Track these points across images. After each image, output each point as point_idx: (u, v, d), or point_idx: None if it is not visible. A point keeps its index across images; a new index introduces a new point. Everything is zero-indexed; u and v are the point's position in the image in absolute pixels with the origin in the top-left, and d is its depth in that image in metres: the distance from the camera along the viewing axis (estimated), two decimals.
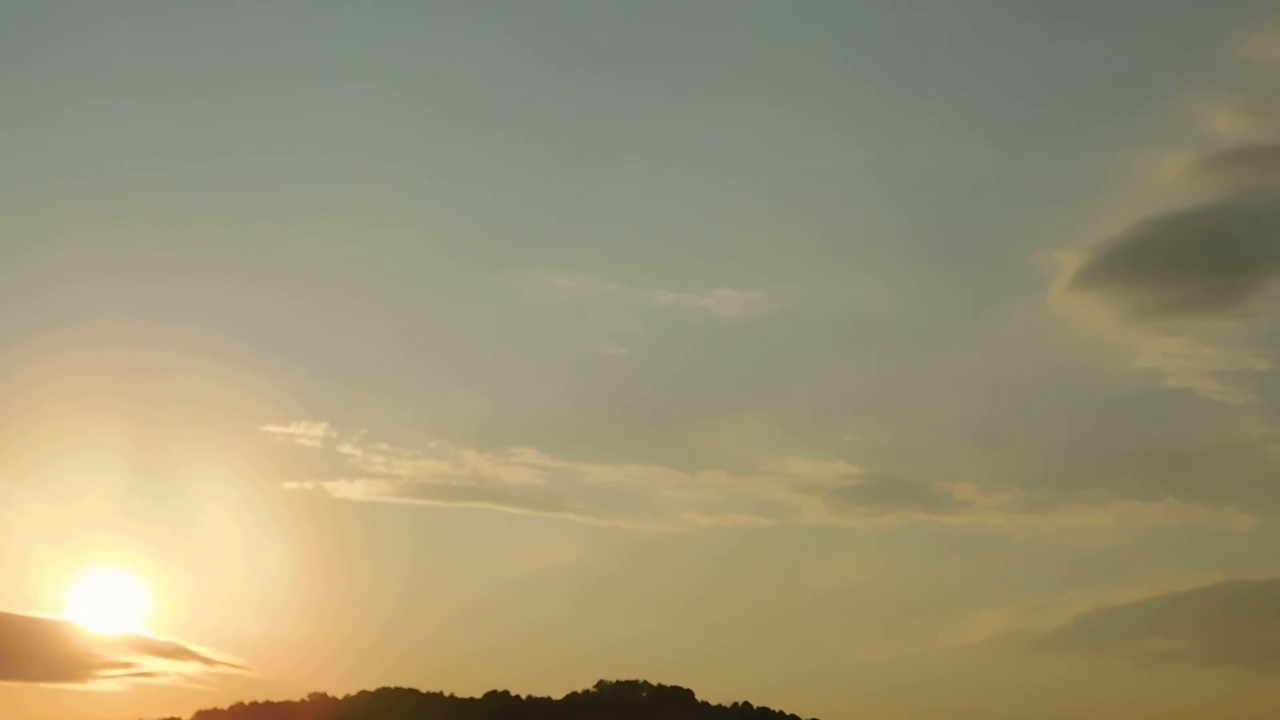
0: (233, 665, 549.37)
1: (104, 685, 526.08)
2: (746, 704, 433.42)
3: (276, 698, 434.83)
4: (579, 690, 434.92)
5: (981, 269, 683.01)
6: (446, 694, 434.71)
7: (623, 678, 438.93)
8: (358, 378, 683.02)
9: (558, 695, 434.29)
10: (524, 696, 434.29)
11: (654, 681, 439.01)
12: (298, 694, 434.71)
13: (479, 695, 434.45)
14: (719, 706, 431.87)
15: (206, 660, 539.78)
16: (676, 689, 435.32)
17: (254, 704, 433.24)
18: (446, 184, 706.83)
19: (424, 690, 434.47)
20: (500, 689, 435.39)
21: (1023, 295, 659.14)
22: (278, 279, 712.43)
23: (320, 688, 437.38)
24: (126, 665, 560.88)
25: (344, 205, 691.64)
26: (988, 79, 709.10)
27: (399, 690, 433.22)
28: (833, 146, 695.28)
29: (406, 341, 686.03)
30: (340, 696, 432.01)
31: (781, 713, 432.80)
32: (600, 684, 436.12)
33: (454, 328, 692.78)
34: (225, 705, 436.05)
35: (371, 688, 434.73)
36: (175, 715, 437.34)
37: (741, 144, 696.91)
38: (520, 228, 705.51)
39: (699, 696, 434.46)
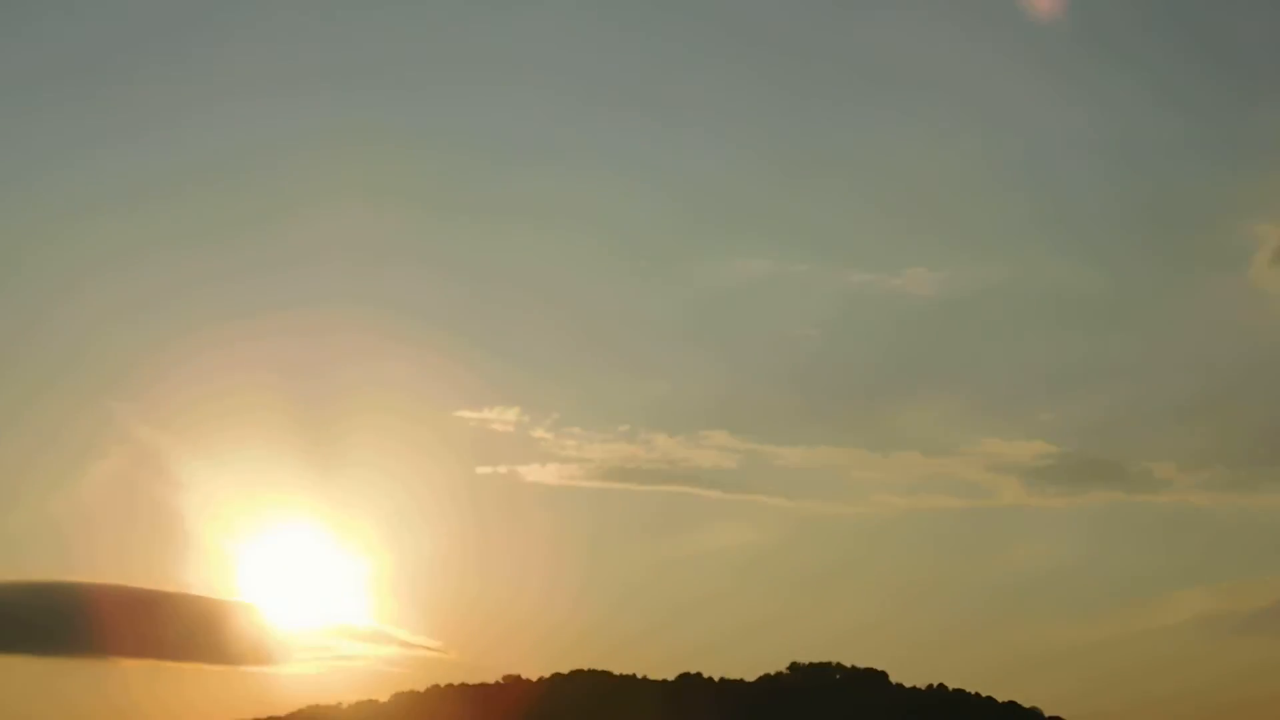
0: (429, 648, 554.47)
1: (302, 668, 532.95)
2: (941, 686, 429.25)
3: (472, 680, 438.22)
4: (771, 672, 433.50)
5: (1183, 243, 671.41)
6: (639, 676, 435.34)
7: (816, 660, 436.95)
8: (550, 363, 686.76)
9: (750, 677, 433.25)
10: (716, 679, 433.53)
11: (847, 663, 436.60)
12: (493, 676, 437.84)
13: (672, 677, 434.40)
14: (914, 689, 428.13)
15: (403, 643, 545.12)
16: (870, 671, 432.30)
17: (450, 686, 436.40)
18: (635, 177, 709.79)
19: (617, 673, 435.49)
20: (693, 671, 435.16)
21: (1226, 270, 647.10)
22: (470, 269, 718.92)
23: (515, 670, 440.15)
24: (324, 648, 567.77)
25: (534, 200, 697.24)
26: (1193, 50, 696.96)
27: (592, 672, 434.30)
28: (1030, 122, 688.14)
29: (599, 327, 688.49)
30: (535, 679, 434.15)
31: (977, 695, 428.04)
32: (793, 666, 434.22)
33: (646, 313, 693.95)
34: (422, 688, 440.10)
35: (565, 670, 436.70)
36: (373, 697, 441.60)
37: (936, 122, 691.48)
38: (711, 211, 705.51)
39: (893, 679, 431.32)
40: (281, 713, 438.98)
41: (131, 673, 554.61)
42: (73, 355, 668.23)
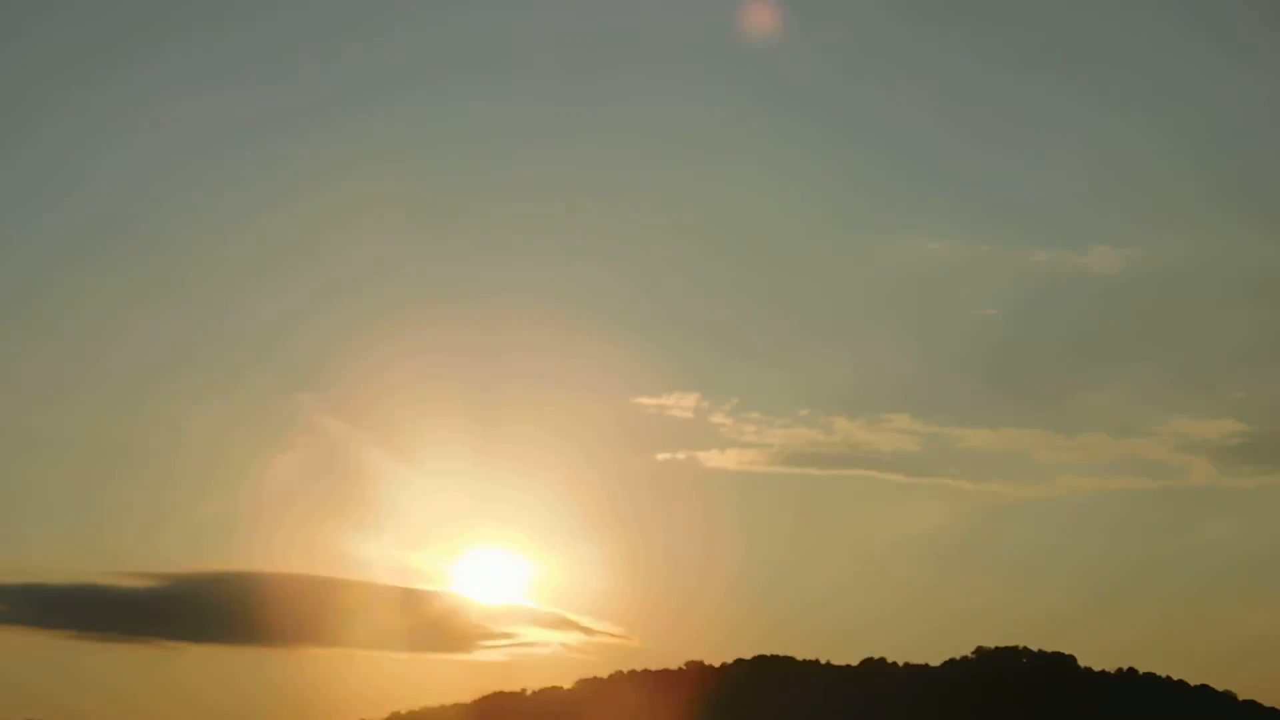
0: (612, 634, 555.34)
1: (488, 655, 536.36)
2: (1132, 670, 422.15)
3: (654, 666, 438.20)
4: (957, 657, 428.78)
5: None
6: (823, 661, 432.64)
7: (1002, 644, 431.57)
8: (728, 347, 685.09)
9: (935, 662, 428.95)
10: (901, 664, 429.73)
11: (1034, 648, 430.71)
12: (675, 662, 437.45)
13: (855, 663, 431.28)
14: (1102, 673, 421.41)
15: (586, 630, 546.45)
16: (1058, 655, 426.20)
17: (633, 672, 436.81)
18: (815, 148, 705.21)
19: (800, 658, 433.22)
20: (876, 656, 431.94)
21: None
22: (647, 257, 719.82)
23: (697, 656, 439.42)
24: (509, 636, 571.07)
25: (711, 188, 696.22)
26: None
27: (775, 658, 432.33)
28: (1218, 96, 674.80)
29: (776, 309, 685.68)
30: (717, 665, 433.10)
31: (1168, 679, 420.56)
32: (979, 650, 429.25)
33: (823, 294, 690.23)
34: (605, 674, 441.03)
35: (748, 656, 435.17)
36: (557, 684, 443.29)
37: (1121, 97, 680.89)
38: (889, 192, 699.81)
39: (1081, 663, 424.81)
40: (467, 699, 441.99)
41: (320, 661, 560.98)
42: (259, 347, 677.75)
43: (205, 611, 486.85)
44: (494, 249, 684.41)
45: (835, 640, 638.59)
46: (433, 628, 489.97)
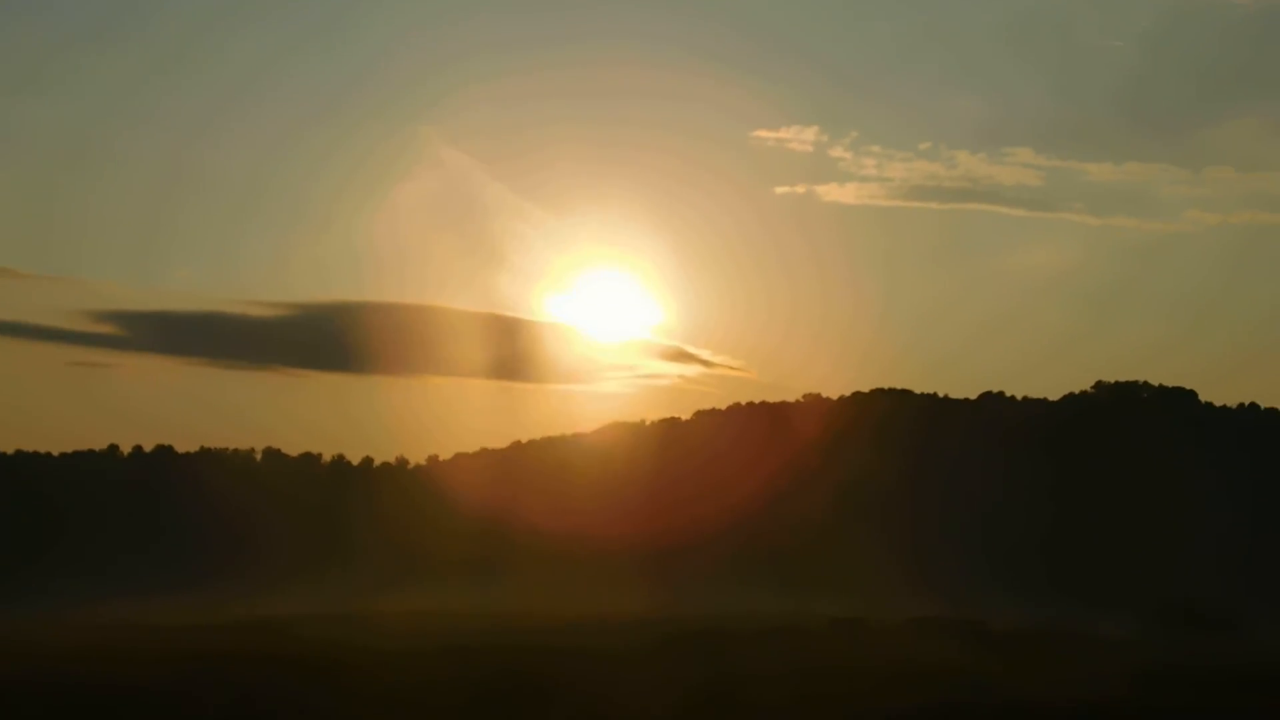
0: (731, 367, 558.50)
1: (608, 387, 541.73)
2: (1254, 404, 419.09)
3: (772, 399, 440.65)
4: (1076, 391, 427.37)
5: None
6: (941, 395, 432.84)
7: (1122, 379, 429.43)
8: (849, 79, 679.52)
9: (1054, 396, 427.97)
10: (1019, 397, 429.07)
11: (1154, 382, 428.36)
12: (793, 395, 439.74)
13: (973, 396, 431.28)
14: (1224, 408, 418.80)
15: (705, 363, 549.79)
16: (1179, 390, 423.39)
17: (750, 404, 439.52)
18: None
19: (917, 391, 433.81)
20: (995, 390, 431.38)
21: None
22: None
23: (815, 389, 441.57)
24: (630, 368, 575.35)
25: None
26: None
27: (892, 391, 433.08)
28: None
29: (898, 41, 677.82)
30: (835, 397, 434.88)
31: None
32: (1098, 385, 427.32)
33: (945, 27, 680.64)
34: (723, 406, 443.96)
35: (865, 389, 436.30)
36: (675, 415, 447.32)
37: None
38: None
39: (1203, 398, 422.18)
40: (588, 429, 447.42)
41: (444, 390, 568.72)
42: (379, 78, 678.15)
43: (329, 340, 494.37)
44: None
45: (953, 374, 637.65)
46: (554, 360, 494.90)
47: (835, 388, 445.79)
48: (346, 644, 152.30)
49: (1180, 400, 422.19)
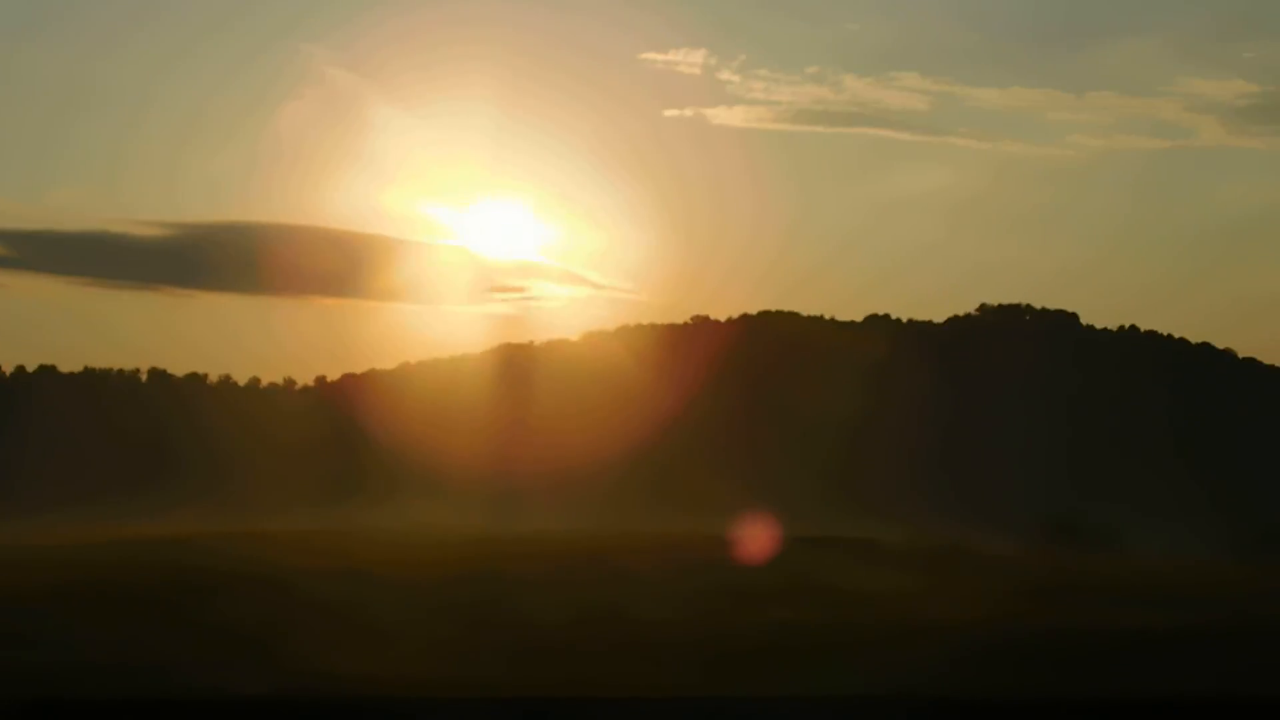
0: (620, 289, 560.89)
1: (496, 308, 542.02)
2: (1134, 327, 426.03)
3: (661, 321, 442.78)
4: (960, 314, 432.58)
5: None
6: (827, 317, 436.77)
7: (1006, 301, 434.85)
8: (737, 2, 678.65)
9: (939, 319, 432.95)
10: (905, 320, 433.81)
11: (1038, 305, 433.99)
12: (681, 317, 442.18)
13: (860, 319, 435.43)
14: (1104, 330, 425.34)
15: (594, 285, 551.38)
16: (1061, 312, 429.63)
17: (639, 326, 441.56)
18: None
19: (805, 314, 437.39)
20: (881, 313, 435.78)
21: None
22: None
23: (704, 311, 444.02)
24: (518, 289, 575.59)
25: None
26: None
27: (780, 313, 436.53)
28: None
29: None
30: (723, 319, 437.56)
31: (1170, 336, 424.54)
32: (982, 307, 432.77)
33: None
34: (612, 328, 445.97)
35: (753, 311, 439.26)
36: (564, 336, 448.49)
37: None
38: None
39: (1084, 320, 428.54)
40: (476, 351, 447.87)
41: (330, 311, 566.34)
42: (277, 8, 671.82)
43: (217, 260, 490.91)
44: None
45: (840, 296, 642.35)
46: (442, 280, 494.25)
47: (723, 310, 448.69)
48: (245, 563, 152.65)
49: (1061, 322, 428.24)
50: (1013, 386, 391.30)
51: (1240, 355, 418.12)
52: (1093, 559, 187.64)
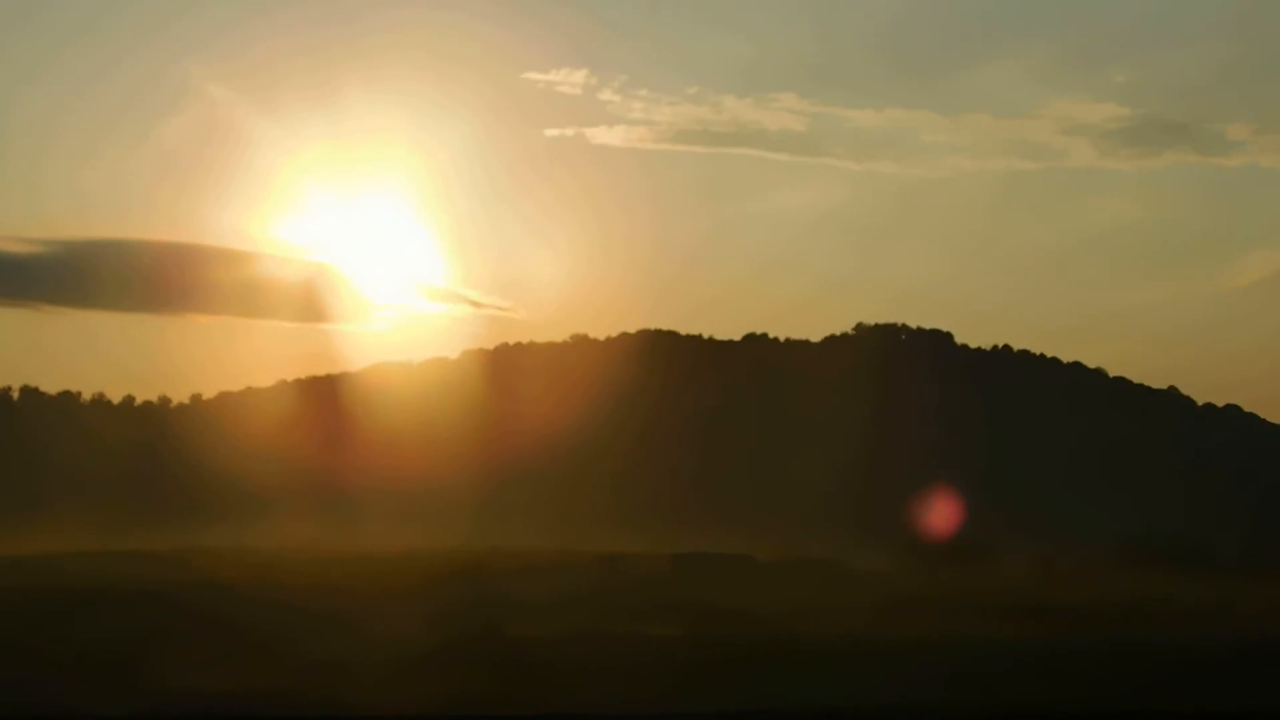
0: (499, 308, 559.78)
1: (375, 326, 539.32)
2: (1006, 347, 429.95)
3: (540, 339, 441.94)
4: (837, 333, 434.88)
5: None
6: (706, 337, 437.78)
7: (882, 321, 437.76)
8: (617, 22, 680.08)
9: (815, 338, 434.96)
10: (782, 339, 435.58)
11: (913, 325, 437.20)
12: (560, 335, 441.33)
13: (738, 338, 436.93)
14: (978, 350, 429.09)
15: (474, 303, 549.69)
16: (936, 332, 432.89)
17: (518, 344, 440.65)
18: None
19: (683, 332, 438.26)
20: (759, 332, 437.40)
21: None
22: None
23: (582, 330, 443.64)
24: (396, 307, 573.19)
25: None
26: None
27: (658, 332, 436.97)
28: None
29: None
30: (602, 338, 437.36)
31: (1042, 356, 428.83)
32: (858, 327, 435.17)
33: None
34: (491, 346, 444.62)
35: (632, 330, 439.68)
36: (443, 355, 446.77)
37: None
38: None
39: (958, 339, 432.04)
40: (354, 369, 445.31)
41: (208, 328, 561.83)
42: (151, 19, 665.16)
43: (90, 276, 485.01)
44: None
45: (718, 315, 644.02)
46: (320, 298, 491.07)
47: (603, 329, 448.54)
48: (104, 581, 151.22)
49: (936, 341, 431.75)
50: (894, 404, 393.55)
51: (1110, 374, 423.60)
52: (968, 571, 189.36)
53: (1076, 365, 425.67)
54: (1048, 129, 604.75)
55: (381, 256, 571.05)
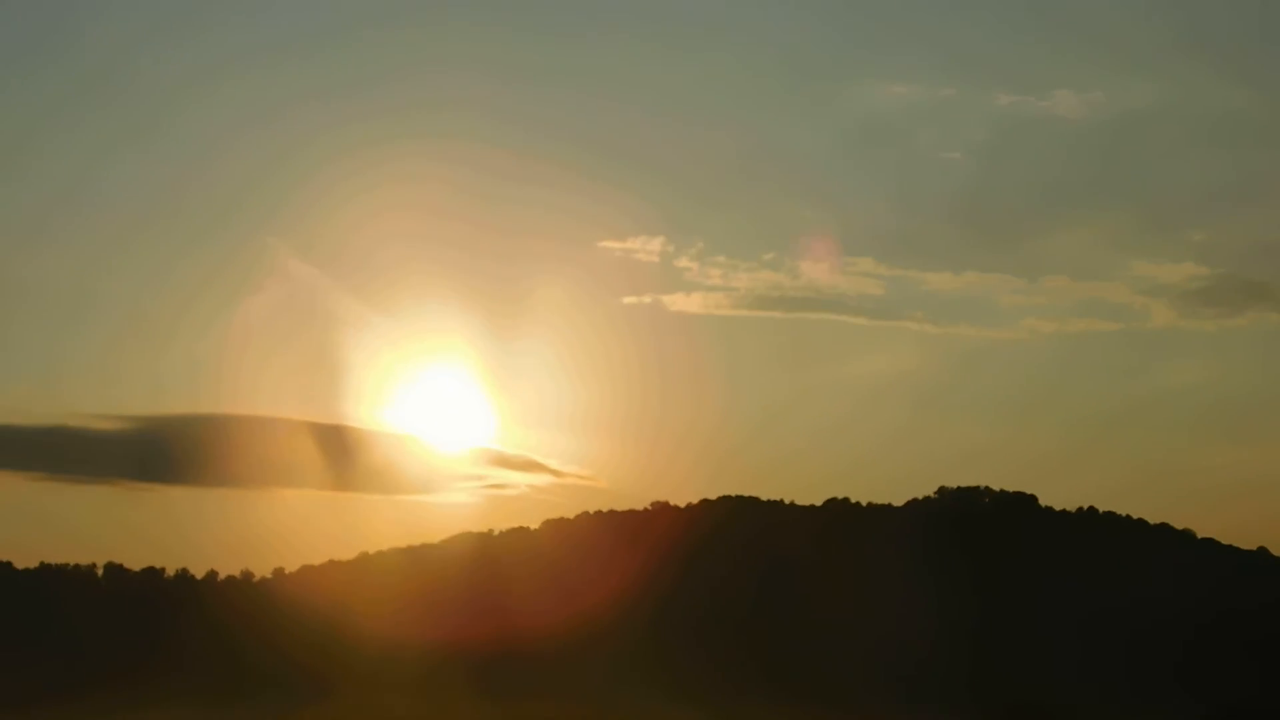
0: (579, 476, 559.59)
1: (456, 497, 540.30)
2: (1092, 509, 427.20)
3: (620, 507, 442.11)
4: (919, 497, 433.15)
5: None
6: (787, 502, 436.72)
7: (964, 484, 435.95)
8: (694, 191, 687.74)
9: (898, 502, 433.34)
10: (864, 504, 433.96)
11: (996, 487, 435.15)
12: (641, 503, 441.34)
13: (819, 503, 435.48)
14: (1063, 512, 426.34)
15: (554, 472, 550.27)
16: (1019, 494, 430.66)
17: (599, 513, 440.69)
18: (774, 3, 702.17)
19: (764, 498, 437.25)
20: (840, 496, 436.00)
21: None
22: (615, 93, 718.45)
23: (663, 497, 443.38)
24: (478, 478, 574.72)
25: (680, 23, 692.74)
26: None
27: (740, 499, 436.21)
28: None
29: (742, 154, 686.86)
30: (683, 505, 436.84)
31: (1128, 517, 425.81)
32: (941, 490, 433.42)
33: (788, 140, 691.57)
34: (572, 515, 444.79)
35: (713, 496, 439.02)
36: (524, 524, 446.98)
37: None
38: (851, 39, 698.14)
39: (1042, 502, 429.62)
40: (436, 540, 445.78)
41: (291, 502, 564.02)
42: (234, 194, 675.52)
43: (173, 453, 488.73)
44: (456, 92, 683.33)
45: (800, 481, 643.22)
46: (401, 470, 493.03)
47: (683, 495, 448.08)
48: None
49: (1020, 504, 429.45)
50: (974, 567, 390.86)
51: (1199, 535, 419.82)
52: None
53: (1163, 527, 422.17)
54: (1126, 290, 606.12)
55: (461, 427, 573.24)
